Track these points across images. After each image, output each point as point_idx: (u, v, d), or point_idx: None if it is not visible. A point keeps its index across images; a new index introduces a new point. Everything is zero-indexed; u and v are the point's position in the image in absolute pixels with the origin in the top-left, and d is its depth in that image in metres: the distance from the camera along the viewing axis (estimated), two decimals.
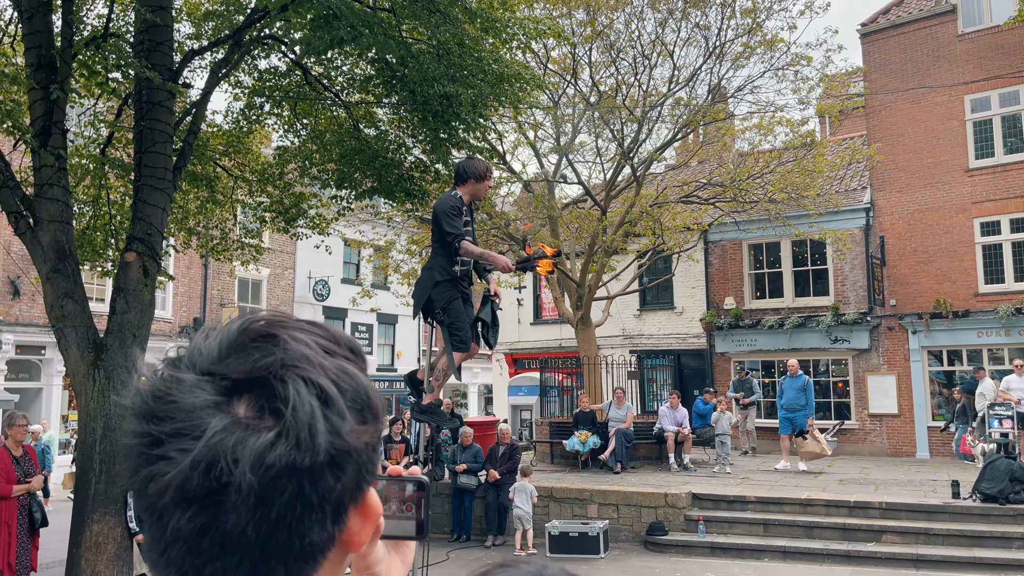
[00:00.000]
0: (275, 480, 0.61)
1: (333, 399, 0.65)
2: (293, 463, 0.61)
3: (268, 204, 12.26)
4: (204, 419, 0.62)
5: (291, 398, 0.63)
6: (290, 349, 0.66)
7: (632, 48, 15.75)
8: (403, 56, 8.18)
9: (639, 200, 16.19)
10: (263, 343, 0.66)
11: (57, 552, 9.10)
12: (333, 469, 0.64)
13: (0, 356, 18.68)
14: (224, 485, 0.60)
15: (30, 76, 7.61)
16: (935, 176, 18.27)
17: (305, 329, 0.70)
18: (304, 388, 0.64)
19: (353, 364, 0.70)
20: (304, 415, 0.63)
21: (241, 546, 0.61)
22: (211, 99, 9.28)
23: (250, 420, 0.62)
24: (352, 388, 0.68)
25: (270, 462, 0.61)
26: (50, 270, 7.63)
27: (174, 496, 0.61)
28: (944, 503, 10.56)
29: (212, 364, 0.66)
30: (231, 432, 0.61)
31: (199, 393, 0.63)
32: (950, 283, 17.91)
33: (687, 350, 21.62)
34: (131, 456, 0.64)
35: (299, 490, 0.62)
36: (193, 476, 0.60)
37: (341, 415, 0.65)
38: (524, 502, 11.30)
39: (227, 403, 0.63)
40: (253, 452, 0.60)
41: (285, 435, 0.62)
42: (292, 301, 27.16)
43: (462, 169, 5.51)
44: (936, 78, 18.40)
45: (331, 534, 0.65)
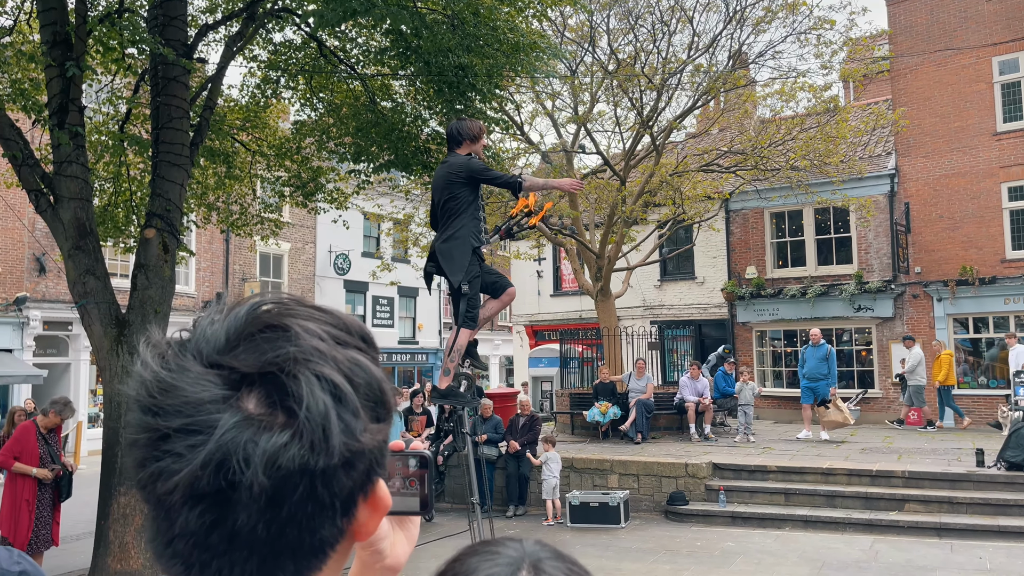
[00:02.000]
0: (287, 480, 0.60)
1: (347, 396, 0.63)
2: (306, 465, 0.60)
3: (286, 179, 12.27)
4: (214, 415, 0.60)
5: (304, 396, 0.61)
6: (302, 341, 0.64)
7: (651, 14, 15.50)
8: (417, 27, 8.10)
9: (659, 169, 16.03)
10: (272, 334, 0.64)
11: (87, 524, 9.31)
12: (346, 469, 0.63)
13: (28, 332, 18.99)
14: (235, 484, 0.59)
15: (46, 54, 7.63)
16: (962, 140, 17.90)
17: (316, 318, 0.68)
18: (317, 385, 0.62)
19: (365, 354, 0.68)
20: (318, 415, 0.61)
21: (250, 543, 0.60)
22: (226, 73, 9.25)
23: (262, 416, 0.60)
24: (365, 382, 0.66)
25: (283, 463, 0.59)
26: (71, 247, 7.70)
27: (183, 494, 0.60)
28: (968, 471, 10.47)
29: (219, 354, 0.63)
30: (242, 429, 0.59)
31: (207, 386, 0.61)
32: (976, 249, 17.62)
33: (708, 320, 21.51)
34: (137, 449, 0.62)
35: (311, 490, 0.61)
36: (204, 475, 0.59)
37: (355, 413, 0.63)
38: (555, 472, 11.46)
39: (236, 398, 0.61)
40: (266, 453, 0.59)
41: (299, 436, 0.60)
42: (313, 275, 27.31)
43: (455, 132, 5.33)
44: (963, 40, 17.96)
45: (340, 528, 0.65)
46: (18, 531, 7.61)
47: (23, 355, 18.82)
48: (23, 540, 7.63)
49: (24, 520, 7.67)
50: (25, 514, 7.68)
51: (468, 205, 5.24)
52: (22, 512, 7.67)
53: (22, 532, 7.64)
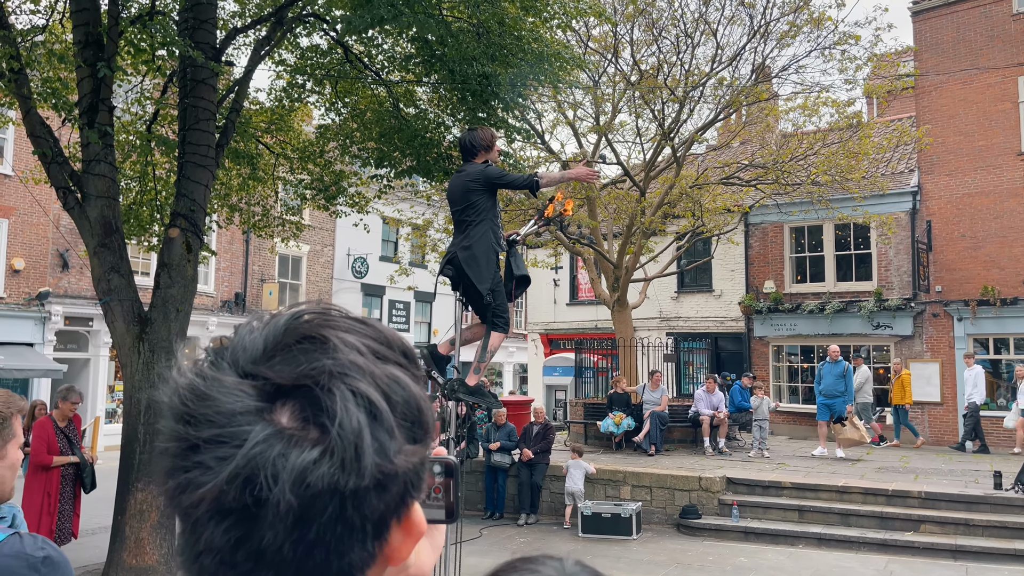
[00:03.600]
0: (315, 500, 0.57)
1: (383, 415, 0.61)
2: (336, 484, 0.58)
3: (309, 182, 12.38)
4: (244, 427, 0.58)
5: (338, 412, 0.59)
6: (339, 354, 0.62)
7: (675, 27, 15.50)
8: (443, 35, 8.17)
9: (679, 181, 16.01)
10: (310, 345, 0.62)
11: (102, 519, 9.40)
12: (378, 491, 0.60)
13: (49, 327, 19.22)
14: (262, 501, 0.57)
15: (78, 54, 7.75)
16: (986, 159, 17.76)
17: (356, 330, 0.65)
18: (352, 401, 0.60)
19: (405, 371, 0.65)
20: (351, 433, 0.59)
21: (276, 563, 0.58)
22: (253, 77, 9.35)
23: (294, 431, 0.58)
24: (403, 400, 0.63)
25: (312, 482, 0.57)
26: (97, 244, 7.80)
27: (209, 508, 0.58)
28: (985, 494, 10.36)
29: (255, 364, 0.62)
30: (272, 444, 0.58)
31: (240, 396, 0.60)
32: (999, 269, 17.45)
33: (725, 333, 21.43)
34: (166, 458, 0.61)
35: (340, 511, 0.59)
36: (230, 490, 0.57)
37: (390, 433, 0.61)
38: (579, 479, 11.49)
39: (269, 410, 0.59)
40: (295, 470, 0.57)
41: (330, 454, 0.58)
42: (331, 278, 27.45)
43: (469, 143, 5.39)
44: (989, 58, 17.84)
45: (371, 552, 0.62)
46: (40, 524, 7.70)
47: (43, 349, 19.05)
48: (46, 533, 7.71)
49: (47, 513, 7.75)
50: (47, 507, 7.77)
51: (487, 212, 5.28)
52: (44, 505, 7.75)
53: (44, 525, 7.73)
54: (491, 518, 12.27)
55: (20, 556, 1.58)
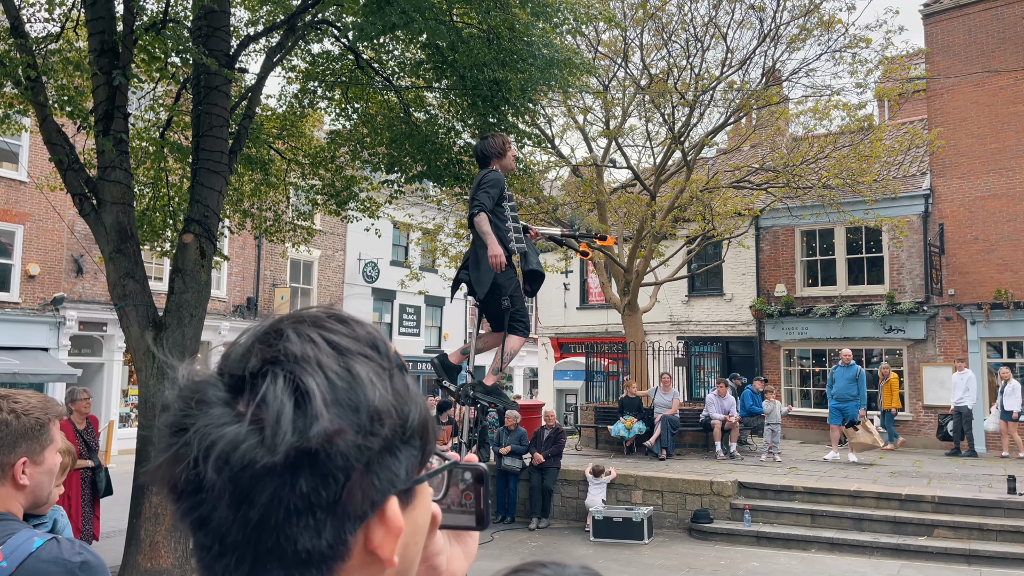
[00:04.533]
0: (245, 478, 0.60)
1: (311, 398, 0.62)
2: (255, 460, 0.59)
3: (320, 187, 12.45)
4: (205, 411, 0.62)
5: (266, 394, 0.62)
6: (288, 345, 0.65)
7: (684, 31, 15.52)
8: (454, 41, 8.22)
9: (689, 185, 16.00)
10: (267, 339, 0.66)
11: (118, 522, 9.47)
12: (307, 473, 0.60)
13: (64, 332, 19.37)
14: (199, 481, 0.60)
15: (93, 62, 7.84)
16: (999, 162, 17.68)
17: (324, 326, 0.68)
18: (281, 384, 0.62)
19: (368, 362, 0.67)
20: (272, 411, 0.61)
21: (234, 546, 0.61)
22: (265, 83, 9.43)
23: (240, 414, 0.62)
24: (347, 388, 0.64)
25: (233, 459, 0.60)
26: (112, 250, 7.88)
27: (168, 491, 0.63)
28: (1000, 498, 10.30)
29: (232, 362, 0.66)
30: (215, 425, 0.61)
31: (213, 390, 0.64)
32: (1012, 272, 17.35)
33: (736, 337, 21.38)
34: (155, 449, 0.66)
35: (276, 492, 0.60)
36: (173, 471, 0.62)
37: (316, 415, 0.61)
38: (596, 495, 11.66)
39: (232, 400, 0.63)
40: (219, 448, 0.60)
41: (254, 432, 0.60)
42: (342, 282, 27.56)
43: (481, 153, 5.47)
44: (1001, 61, 17.76)
45: (333, 543, 0.62)
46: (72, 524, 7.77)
47: (58, 354, 19.20)
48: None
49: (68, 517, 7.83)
50: (67, 511, 7.85)
51: (494, 216, 5.33)
52: (65, 509, 7.82)
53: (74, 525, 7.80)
54: (503, 522, 12.29)
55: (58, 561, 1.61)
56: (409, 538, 0.68)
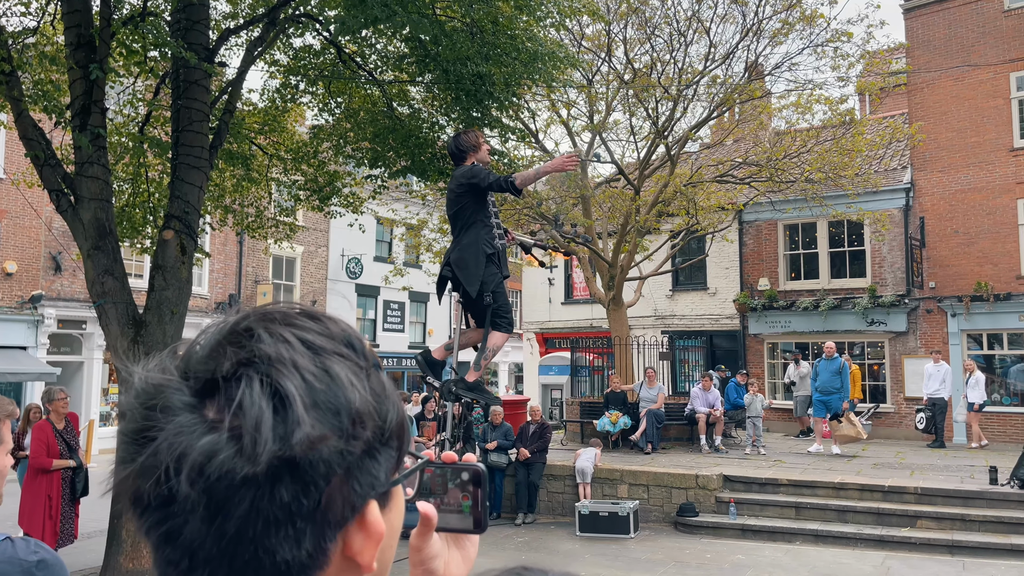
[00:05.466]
0: (220, 490, 0.56)
1: (291, 401, 0.58)
2: (233, 471, 0.56)
3: (303, 182, 12.34)
4: (170, 419, 0.58)
5: (242, 400, 0.58)
6: (261, 345, 0.61)
7: (668, 25, 15.52)
8: (436, 35, 8.15)
9: (673, 179, 16.03)
10: (237, 339, 0.62)
11: (99, 522, 9.36)
12: (288, 482, 0.57)
13: (42, 330, 19.13)
14: (171, 494, 0.56)
15: (69, 56, 7.71)
16: (979, 156, 17.83)
17: (293, 323, 0.64)
18: (258, 388, 0.58)
19: (347, 362, 0.64)
20: (250, 419, 0.57)
21: (207, 560, 0.57)
22: (246, 78, 9.32)
23: (213, 421, 0.58)
24: (327, 390, 0.61)
25: (209, 471, 0.56)
26: (91, 247, 7.77)
27: (133, 505, 0.59)
28: (981, 489, 10.40)
29: (197, 363, 0.61)
30: (186, 434, 0.57)
31: (176, 393, 0.59)
32: (992, 265, 17.52)
33: (720, 331, 21.46)
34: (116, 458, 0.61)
35: (253, 503, 0.57)
36: (141, 484, 0.57)
37: (298, 421, 0.58)
38: (588, 460, 11.79)
39: (200, 405, 0.59)
40: (193, 459, 0.56)
41: (230, 442, 0.57)
42: (325, 279, 27.40)
43: (455, 148, 5.44)
44: (981, 55, 17.90)
45: (313, 552, 0.59)
46: (44, 527, 7.67)
47: (37, 353, 18.96)
48: (49, 536, 7.68)
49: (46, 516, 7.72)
50: (48, 510, 7.74)
51: (477, 213, 5.30)
52: (44, 508, 7.72)
53: (48, 528, 7.69)
54: (488, 518, 12.25)
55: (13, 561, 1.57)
56: (386, 541, 0.65)
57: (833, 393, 13.72)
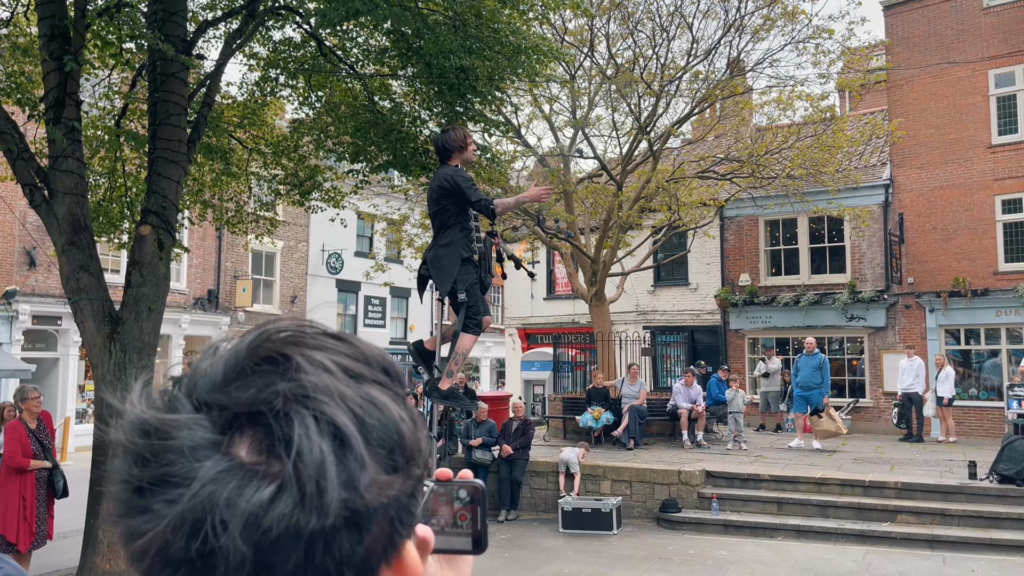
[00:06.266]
0: (275, 545, 0.50)
1: (351, 441, 0.53)
2: (297, 526, 0.50)
3: (283, 177, 12.20)
4: (195, 464, 0.51)
5: (296, 441, 0.51)
6: (302, 375, 0.54)
7: (650, 20, 15.49)
8: (419, 28, 8.05)
9: (655, 175, 16.02)
10: (271, 367, 0.55)
11: (75, 522, 9.20)
12: (350, 531, 0.52)
13: (17, 326, 18.82)
14: (212, 551, 0.50)
15: (43, 47, 7.55)
16: (957, 152, 17.98)
17: (326, 347, 0.58)
18: (314, 428, 0.52)
19: (385, 390, 0.58)
20: (311, 465, 0.51)
21: None
22: (225, 70, 9.17)
23: (252, 465, 0.51)
24: (380, 424, 0.56)
25: (267, 526, 0.49)
26: (66, 243, 7.61)
27: (155, 559, 0.51)
28: (961, 484, 10.48)
29: (213, 392, 0.54)
30: (225, 481, 0.50)
31: (195, 429, 0.52)
32: (969, 261, 17.69)
33: (701, 326, 21.53)
34: (113, 501, 0.54)
35: (308, 557, 0.51)
36: (175, 539, 0.50)
37: (360, 462, 0.53)
38: (572, 452, 12.01)
39: (227, 442, 0.52)
40: (246, 512, 0.50)
41: (287, 489, 0.50)
42: (306, 274, 27.19)
43: (442, 145, 5.39)
44: (960, 52, 18.04)
45: None
46: (21, 529, 7.52)
47: (11, 349, 18.64)
48: (24, 538, 7.53)
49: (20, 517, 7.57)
50: (22, 512, 7.59)
51: (457, 215, 5.27)
52: (19, 509, 7.57)
53: (23, 530, 7.54)
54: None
55: None
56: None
57: (813, 388, 13.79)
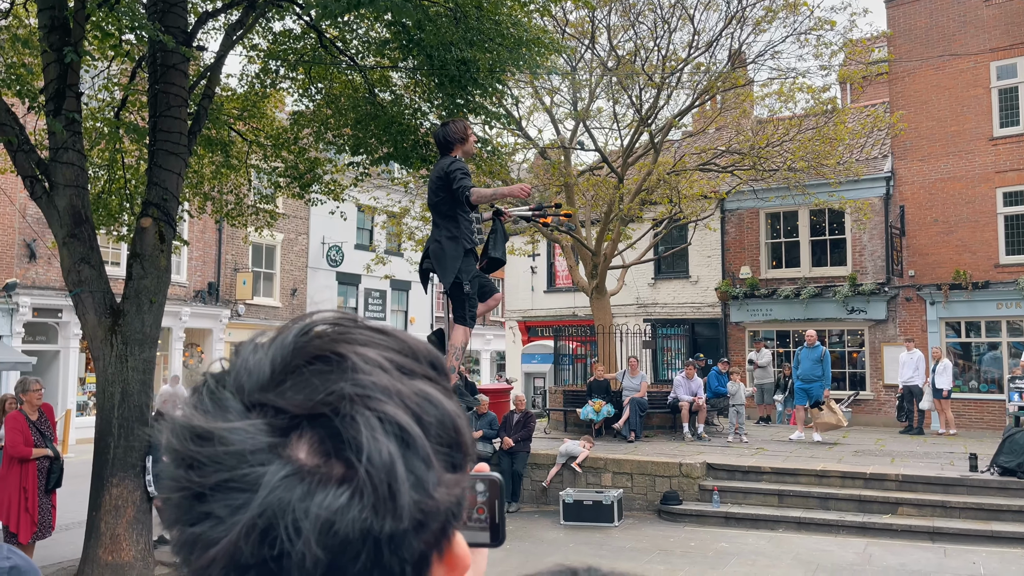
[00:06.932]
0: (345, 548, 0.49)
1: (416, 442, 0.52)
2: (369, 530, 0.50)
3: (283, 169, 12.17)
4: (257, 468, 0.50)
5: (364, 444, 0.51)
6: (360, 375, 0.54)
7: (652, 12, 15.44)
8: (420, 19, 8.02)
9: (656, 167, 15.99)
10: (325, 365, 0.54)
11: (77, 514, 9.21)
12: (418, 531, 0.52)
13: (17, 319, 18.81)
14: (284, 554, 0.49)
15: (43, 39, 7.51)
16: (958, 145, 17.94)
17: (376, 343, 0.57)
18: (380, 429, 0.51)
19: (435, 385, 0.57)
20: (381, 468, 0.50)
21: None
22: (225, 62, 9.14)
23: (315, 469, 0.50)
24: (438, 421, 0.55)
25: (341, 530, 0.49)
26: (66, 235, 7.60)
27: (223, 567, 0.50)
28: (961, 476, 10.49)
29: (263, 391, 0.53)
30: (291, 486, 0.49)
31: (251, 432, 0.51)
32: (970, 254, 17.67)
33: (701, 319, 21.52)
34: (170, 509, 0.53)
35: (376, 558, 0.50)
36: (245, 546, 0.49)
37: (427, 462, 0.53)
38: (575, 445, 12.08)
39: (284, 445, 0.51)
40: (320, 517, 0.49)
41: (359, 494, 0.50)
42: (306, 267, 27.17)
43: (443, 138, 5.37)
44: (962, 44, 17.98)
45: None
46: (22, 520, 7.52)
47: (12, 342, 18.64)
48: (26, 528, 7.53)
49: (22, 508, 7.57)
50: (24, 503, 7.59)
51: (456, 207, 5.24)
52: (20, 500, 7.57)
53: (24, 520, 7.55)
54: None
55: None
56: None
57: (814, 381, 13.78)
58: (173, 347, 22.34)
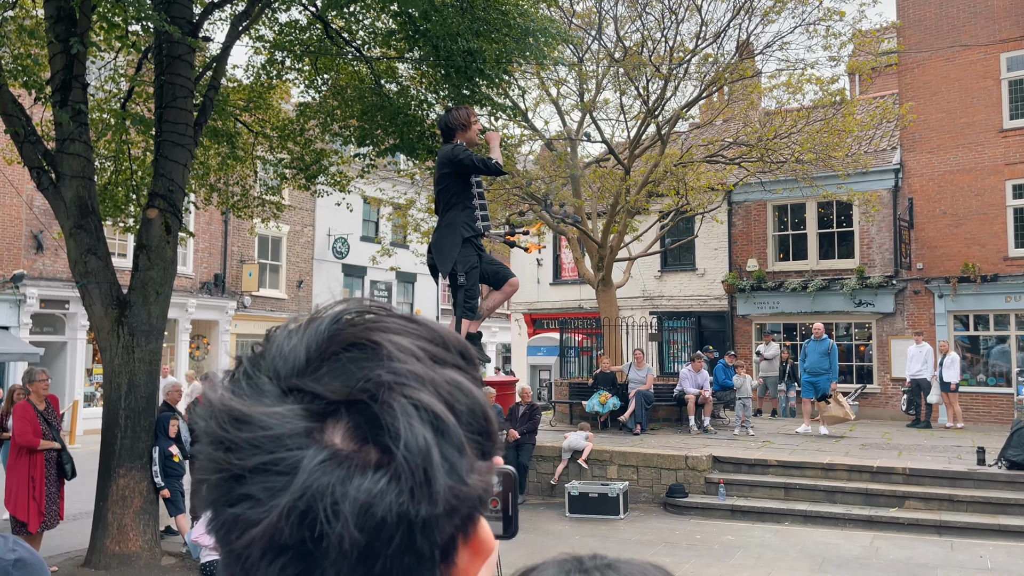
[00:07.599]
0: (381, 531, 0.51)
1: (450, 429, 0.54)
2: (406, 514, 0.51)
3: (289, 161, 12.15)
4: (295, 451, 0.51)
5: (401, 431, 0.52)
6: (395, 362, 0.55)
7: (659, 2, 15.35)
8: (426, 10, 7.99)
9: (663, 159, 15.91)
10: (360, 353, 0.55)
11: (84, 504, 9.25)
12: (450, 517, 0.53)
13: (25, 310, 18.88)
14: (322, 536, 0.50)
15: (49, 29, 7.50)
16: (968, 137, 17.81)
17: (409, 331, 0.59)
18: (416, 416, 0.53)
19: (465, 374, 0.59)
20: (418, 454, 0.52)
21: None
22: (231, 53, 9.12)
23: (351, 454, 0.51)
24: (469, 409, 0.56)
25: (378, 514, 0.50)
26: (73, 226, 7.60)
27: (262, 548, 0.51)
28: (969, 470, 10.45)
29: (299, 376, 0.55)
30: (329, 470, 0.51)
31: (287, 416, 0.53)
32: (979, 246, 17.57)
33: (708, 312, 21.47)
34: (208, 490, 0.54)
35: (409, 541, 0.52)
36: (285, 527, 0.50)
37: (460, 449, 0.54)
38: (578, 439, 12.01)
39: (320, 430, 0.52)
40: (358, 501, 0.50)
41: (396, 479, 0.51)
42: (312, 258, 27.19)
43: (445, 125, 5.32)
44: (971, 35, 17.83)
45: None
46: (29, 509, 7.55)
47: (19, 333, 18.72)
48: (34, 518, 7.56)
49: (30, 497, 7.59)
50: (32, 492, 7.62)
51: (459, 195, 5.19)
52: (28, 489, 7.59)
53: (33, 510, 7.57)
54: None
55: None
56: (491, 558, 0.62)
57: (822, 374, 13.72)
58: (179, 339, 22.40)
